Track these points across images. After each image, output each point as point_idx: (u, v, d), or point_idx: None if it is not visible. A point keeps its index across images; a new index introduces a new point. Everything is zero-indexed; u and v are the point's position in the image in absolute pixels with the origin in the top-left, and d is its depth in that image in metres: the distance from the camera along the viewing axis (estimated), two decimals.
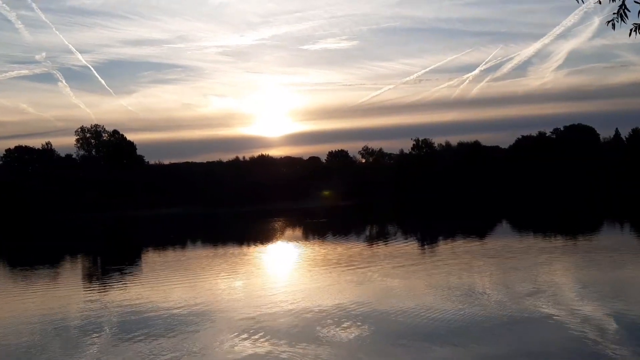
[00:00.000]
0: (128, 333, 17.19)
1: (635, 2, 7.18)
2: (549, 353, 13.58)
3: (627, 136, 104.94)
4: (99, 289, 26.48)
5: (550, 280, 23.05)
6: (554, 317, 16.88)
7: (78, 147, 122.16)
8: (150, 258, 39.65)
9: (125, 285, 27.10)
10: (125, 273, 31.35)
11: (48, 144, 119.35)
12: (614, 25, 7.41)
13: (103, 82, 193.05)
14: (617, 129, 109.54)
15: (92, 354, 15.29)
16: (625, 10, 7.27)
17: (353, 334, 15.99)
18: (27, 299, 24.51)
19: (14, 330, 18.36)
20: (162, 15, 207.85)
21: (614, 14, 7.34)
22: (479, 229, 48.64)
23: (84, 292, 26.00)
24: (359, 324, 17.07)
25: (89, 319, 19.68)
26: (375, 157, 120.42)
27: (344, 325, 16.97)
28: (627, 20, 7.33)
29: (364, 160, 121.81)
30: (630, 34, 7.44)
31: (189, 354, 14.82)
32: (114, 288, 26.33)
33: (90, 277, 31.55)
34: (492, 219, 59.74)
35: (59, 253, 45.69)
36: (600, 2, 7.29)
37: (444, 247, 36.95)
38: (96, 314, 20.35)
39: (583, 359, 13.05)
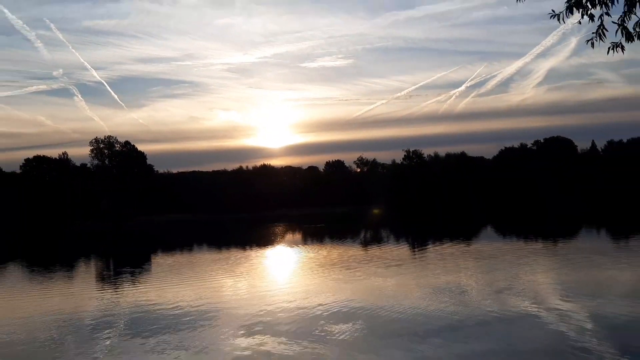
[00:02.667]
0: (139, 329, 17.09)
1: (613, 22, 7.20)
2: (530, 348, 13.53)
3: (602, 147, 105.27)
4: (112, 289, 26.34)
5: (532, 280, 23.00)
6: (535, 315, 16.83)
7: (92, 157, 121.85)
8: (160, 260, 39.47)
9: (136, 285, 26.98)
10: (136, 274, 31.21)
11: (64, 154, 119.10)
12: (592, 44, 7.42)
13: (116, 96, 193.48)
14: (593, 141, 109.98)
15: (105, 348, 15.18)
16: (604, 30, 7.29)
17: (348, 331, 15.91)
18: (45, 299, 24.38)
19: (35, 326, 18.24)
20: (170, 34, 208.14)
21: (593, 33, 7.36)
22: (465, 233, 48.60)
23: (97, 293, 25.86)
24: (353, 321, 16.99)
25: (102, 315, 19.58)
26: (370, 167, 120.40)
27: (340, 322, 16.89)
28: (605, 40, 7.34)
29: (359, 170, 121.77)
30: (608, 52, 7.46)
31: (195, 348, 14.73)
32: (125, 288, 26.20)
33: (103, 278, 31.40)
34: (477, 224, 59.70)
35: (76, 257, 45.51)
36: (580, 23, 7.31)
37: (433, 249, 36.86)
38: (109, 312, 20.24)
39: (563, 353, 12.99)
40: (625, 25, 7.14)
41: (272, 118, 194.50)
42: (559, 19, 7.41)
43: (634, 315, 16.36)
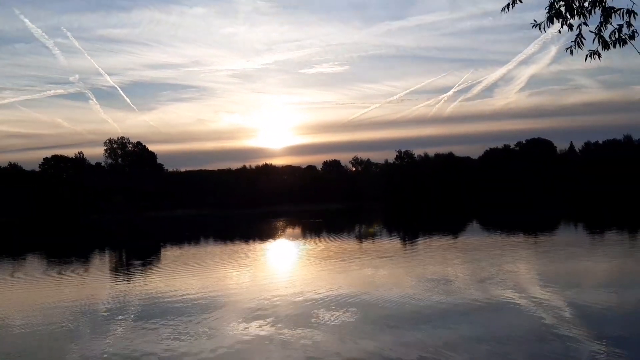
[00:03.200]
0: (149, 316, 17.05)
1: (591, 31, 7.18)
2: (512, 334, 13.52)
3: (580, 149, 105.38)
4: (124, 279, 26.29)
5: (514, 270, 23.01)
6: (517, 303, 16.84)
7: (106, 156, 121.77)
8: (168, 253, 39.43)
9: (146, 275, 26.93)
10: (147, 266, 31.16)
11: (80, 153, 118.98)
12: (572, 51, 7.40)
13: (128, 100, 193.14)
14: (571, 142, 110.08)
15: (116, 335, 15.15)
16: (582, 39, 7.26)
17: (344, 319, 15.90)
18: (61, 288, 24.33)
19: (50, 315, 18.19)
20: (179, 42, 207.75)
21: (572, 42, 7.34)
22: (452, 228, 48.62)
23: (110, 282, 25.80)
24: (349, 310, 16.98)
25: (115, 304, 19.55)
26: (364, 166, 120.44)
27: (335, 310, 16.88)
28: (583, 48, 7.32)
29: (354, 169, 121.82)
30: (586, 59, 7.44)
31: (201, 334, 14.70)
32: (136, 278, 26.15)
33: (116, 269, 31.33)
34: (463, 219, 59.74)
35: (90, 249, 45.44)
36: (560, 32, 7.28)
37: (422, 243, 36.86)
38: (121, 300, 20.20)
39: (543, 340, 12.99)
40: (602, 34, 7.12)
41: (273, 120, 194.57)
42: (540, 29, 7.38)
43: (609, 303, 16.38)
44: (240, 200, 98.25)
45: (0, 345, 14.72)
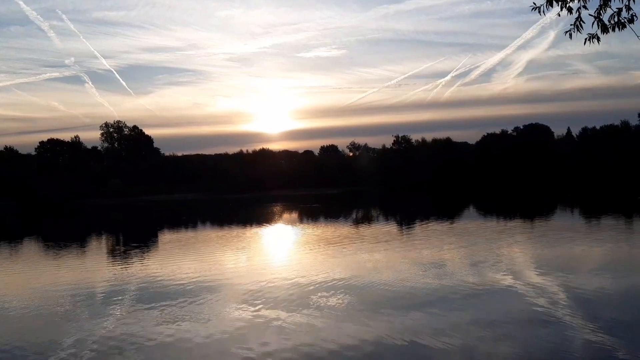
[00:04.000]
0: (145, 301, 17.12)
1: (590, 15, 7.13)
2: (507, 318, 13.65)
3: (577, 134, 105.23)
4: (121, 264, 26.32)
5: (510, 255, 23.15)
6: (513, 288, 16.96)
7: (102, 140, 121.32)
8: (165, 237, 39.49)
9: (143, 260, 26.99)
10: (144, 250, 31.22)
11: (76, 137, 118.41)
12: (570, 35, 7.36)
13: (124, 83, 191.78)
14: (569, 127, 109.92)
15: (113, 318, 15.22)
16: (581, 22, 7.22)
17: (340, 303, 15.99)
18: (59, 271, 24.38)
19: (48, 298, 18.24)
20: (175, 25, 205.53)
21: (571, 25, 7.28)
22: (449, 212, 48.77)
23: (107, 266, 25.82)
24: (345, 294, 17.08)
25: (112, 287, 19.62)
26: (361, 151, 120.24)
27: (332, 295, 16.98)
28: (582, 31, 7.28)
29: (351, 154, 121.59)
30: (585, 43, 7.39)
31: (199, 317, 14.79)
32: (133, 263, 26.19)
33: (113, 253, 31.36)
34: (460, 204, 59.89)
35: (88, 232, 45.47)
36: (559, 15, 7.22)
37: (419, 227, 36.99)
38: (118, 284, 20.26)
39: (538, 323, 13.11)
40: (601, 17, 7.08)
41: (270, 105, 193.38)
42: (539, 12, 7.33)
43: (604, 288, 16.51)
44: (237, 185, 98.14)
45: None
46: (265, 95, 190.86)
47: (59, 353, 12.29)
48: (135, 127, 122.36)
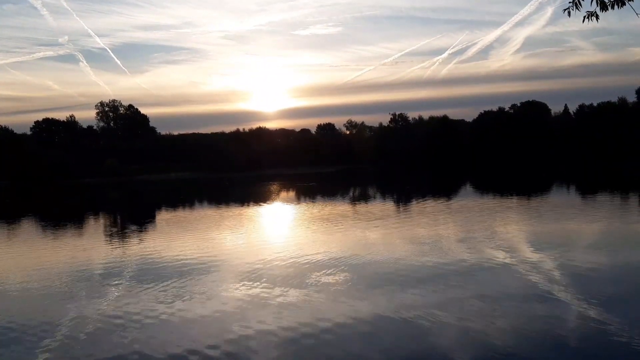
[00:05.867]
0: (145, 280, 17.23)
1: None
2: (503, 294, 13.80)
3: (574, 111, 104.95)
4: (119, 243, 26.42)
5: (506, 232, 23.30)
6: (508, 264, 17.13)
7: (98, 119, 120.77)
8: (163, 216, 39.58)
9: (141, 239, 27.08)
10: (142, 229, 31.30)
11: (72, 116, 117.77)
12: (569, 12, 7.28)
13: (119, 62, 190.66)
14: (566, 104, 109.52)
15: (112, 297, 15.33)
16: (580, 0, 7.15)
17: (337, 280, 16.14)
18: (58, 250, 24.46)
19: (48, 276, 18.34)
20: (170, 3, 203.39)
21: (569, 2, 7.21)
22: (446, 190, 48.92)
23: (105, 245, 25.91)
24: (342, 271, 17.22)
25: (110, 266, 19.70)
26: (358, 129, 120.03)
27: (329, 273, 17.12)
28: (580, 9, 7.21)
29: (348, 132, 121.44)
30: (583, 21, 7.33)
31: (197, 295, 14.91)
32: (131, 242, 26.29)
33: (110, 232, 31.46)
34: (457, 182, 60.06)
35: (85, 211, 45.50)
36: None
37: (415, 205, 37.13)
38: (117, 264, 20.35)
39: (533, 299, 13.27)
40: None
41: (266, 83, 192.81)
42: None
43: (599, 264, 16.69)
44: (233, 164, 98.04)
45: None
46: (261, 74, 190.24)
47: (60, 331, 12.41)
48: (130, 106, 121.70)
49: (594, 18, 7.23)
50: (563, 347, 10.36)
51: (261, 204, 45.12)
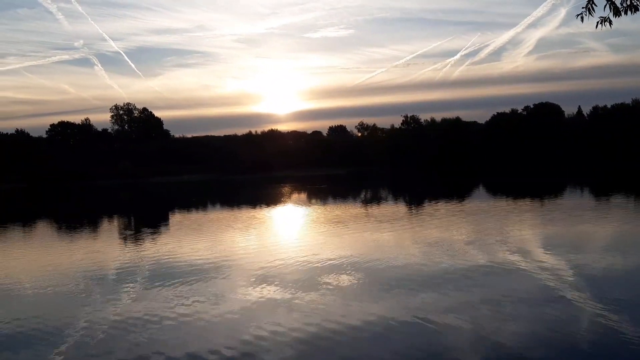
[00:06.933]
0: (157, 281, 17.39)
1: None
2: (516, 297, 13.74)
3: (588, 113, 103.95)
4: (132, 244, 26.66)
5: (519, 235, 23.17)
6: (521, 267, 17.04)
7: (113, 122, 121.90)
8: (176, 218, 39.85)
9: (154, 241, 27.28)
10: (155, 231, 31.55)
11: (87, 119, 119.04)
12: (582, 18, 7.29)
13: (133, 66, 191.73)
14: (579, 106, 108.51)
15: (126, 298, 15.50)
16: (593, 5, 7.14)
17: (348, 282, 16.18)
18: (71, 252, 24.73)
19: (62, 277, 18.57)
20: (183, 7, 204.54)
21: (582, 8, 7.21)
22: (458, 192, 48.70)
23: (118, 247, 26.17)
24: (353, 274, 17.25)
25: (125, 268, 19.90)
26: (370, 131, 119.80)
27: (341, 275, 17.16)
28: (594, 14, 7.20)
29: (359, 134, 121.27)
30: (596, 26, 7.32)
31: (210, 297, 15.02)
32: (145, 243, 26.51)
33: (124, 234, 31.75)
34: (470, 184, 59.73)
35: (99, 213, 45.95)
36: None
37: (428, 207, 37.02)
38: (130, 265, 20.55)
39: (546, 302, 13.20)
40: (613, 0, 6.99)
41: (278, 86, 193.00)
42: None
43: (613, 267, 16.56)
44: (245, 166, 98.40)
45: (12, 309, 15.09)
46: (273, 76, 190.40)
47: (74, 331, 12.58)
48: (144, 109, 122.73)
49: (607, 23, 7.22)
50: (576, 350, 10.32)
51: (273, 205, 45.26)
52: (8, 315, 14.24)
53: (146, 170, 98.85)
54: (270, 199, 51.42)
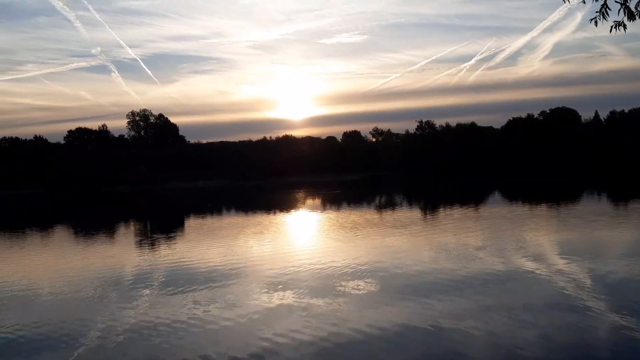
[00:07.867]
0: (173, 285, 17.51)
1: (616, 1, 7.02)
2: (531, 304, 13.61)
3: (605, 118, 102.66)
4: (148, 249, 26.89)
5: (535, 240, 22.97)
6: (537, 273, 16.88)
7: (129, 128, 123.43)
8: (191, 223, 40.11)
9: (170, 246, 27.49)
10: (170, 236, 31.79)
11: (104, 126, 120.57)
12: (596, 22, 7.25)
13: (149, 72, 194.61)
14: (596, 111, 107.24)
15: (141, 303, 15.63)
16: (607, 9, 7.11)
17: (363, 288, 16.15)
18: (88, 257, 24.99)
19: (78, 282, 18.78)
20: (199, 14, 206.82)
21: (596, 12, 7.18)
22: (473, 198, 48.40)
23: (135, 252, 26.39)
24: (368, 279, 17.23)
25: (140, 273, 20.07)
26: (384, 137, 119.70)
27: (356, 280, 17.14)
28: (608, 18, 7.18)
29: (374, 140, 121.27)
30: (610, 31, 7.29)
31: (225, 302, 15.09)
32: (161, 248, 26.73)
33: (140, 239, 32.05)
34: (485, 189, 59.32)
35: (115, 218, 46.43)
36: (584, 2, 7.12)
37: (442, 213, 36.85)
38: (145, 270, 20.72)
39: (562, 309, 13.06)
40: (628, 4, 6.96)
41: (293, 91, 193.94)
42: None
43: (631, 273, 16.33)
44: (260, 171, 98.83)
45: (28, 313, 15.29)
46: (288, 82, 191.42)
47: (90, 335, 12.72)
48: (161, 115, 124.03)
49: (622, 27, 7.18)
50: (593, 358, 10.19)
51: (287, 211, 45.36)
52: (27, 319, 14.44)
53: (162, 175, 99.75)
54: (285, 205, 51.54)
